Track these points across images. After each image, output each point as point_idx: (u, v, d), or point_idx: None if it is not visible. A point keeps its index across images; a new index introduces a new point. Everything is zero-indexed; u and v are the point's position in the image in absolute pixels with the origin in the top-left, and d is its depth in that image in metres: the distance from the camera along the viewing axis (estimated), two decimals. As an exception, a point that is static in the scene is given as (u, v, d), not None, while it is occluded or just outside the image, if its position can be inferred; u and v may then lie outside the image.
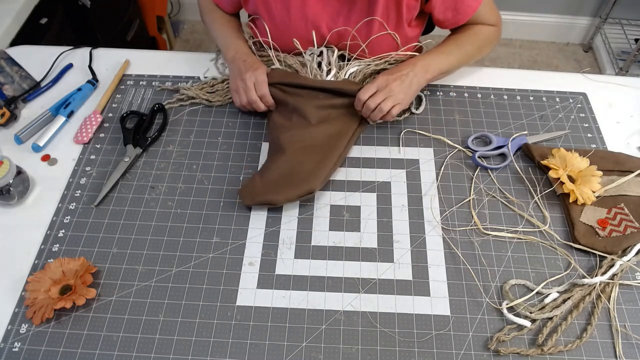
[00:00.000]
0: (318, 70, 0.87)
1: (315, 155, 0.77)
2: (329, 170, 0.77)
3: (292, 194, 0.73)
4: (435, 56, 0.85)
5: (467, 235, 0.73)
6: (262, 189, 0.74)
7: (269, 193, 0.73)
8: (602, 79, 0.95)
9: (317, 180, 0.75)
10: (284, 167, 0.75)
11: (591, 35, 2.21)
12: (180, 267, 0.70)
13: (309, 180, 0.74)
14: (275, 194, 0.73)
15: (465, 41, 0.87)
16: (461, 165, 0.81)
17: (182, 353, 0.62)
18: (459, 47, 0.87)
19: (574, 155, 0.77)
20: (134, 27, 1.80)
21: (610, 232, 0.71)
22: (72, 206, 0.76)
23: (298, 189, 0.74)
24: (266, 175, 0.75)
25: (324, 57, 0.88)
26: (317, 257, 0.71)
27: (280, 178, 0.75)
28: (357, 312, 0.66)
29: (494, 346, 0.63)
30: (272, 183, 0.74)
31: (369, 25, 0.85)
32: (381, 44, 0.88)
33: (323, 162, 0.77)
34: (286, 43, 0.90)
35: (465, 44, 0.87)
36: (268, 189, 0.73)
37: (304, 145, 0.78)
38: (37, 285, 0.65)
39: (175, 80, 0.93)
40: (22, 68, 0.93)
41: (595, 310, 0.66)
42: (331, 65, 0.87)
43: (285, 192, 0.73)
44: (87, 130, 0.84)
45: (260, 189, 0.74)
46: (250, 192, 0.74)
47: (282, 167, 0.76)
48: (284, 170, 0.75)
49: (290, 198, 0.74)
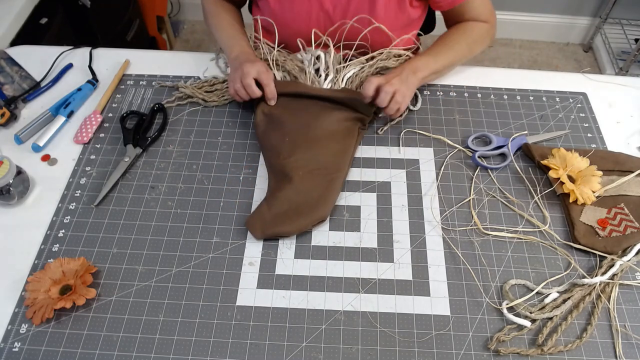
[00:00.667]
0: (316, 76, 0.87)
1: (322, 179, 0.75)
2: (337, 193, 0.75)
3: (304, 223, 0.72)
4: (423, 57, 0.85)
5: (467, 235, 0.73)
6: (272, 221, 0.71)
7: (280, 225, 0.71)
8: (602, 79, 0.95)
9: (327, 206, 0.73)
10: (293, 197, 0.73)
11: (591, 35, 2.21)
12: (180, 267, 0.70)
13: (318, 207, 0.73)
14: (287, 226, 0.71)
15: (455, 40, 0.88)
16: (461, 165, 0.81)
17: (182, 353, 0.62)
18: (449, 47, 0.87)
19: (574, 155, 0.77)
20: (134, 27, 1.80)
21: (610, 232, 0.71)
22: (72, 206, 0.76)
23: (309, 217, 0.72)
24: (275, 206, 0.73)
25: (322, 62, 0.87)
26: (317, 257, 0.71)
27: (290, 209, 0.72)
28: (357, 312, 0.66)
29: (494, 346, 0.63)
30: (282, 214, 0.72)
31: (373, 2, 0.85)
32: (384, 23, 0.87)
33: (331, 186, 0.75)
34: (290, 23, 0.89)
35: (454, 43, 0.88)
36: (279, 220, 0.71)
37: (309, 169, 0.76)
38: (37, 285, 0.65)
39: (175, 80, 0.93)
40: (22, 68, 0.93)
41: (595, 310, 0.66)
42: (329, 69, 0.87)
43: (297, 223, 0.72)
44: (87, 130, 0.84)
45: (270, 221, 0.71)
46: (260, 225, 0.71)
47: (290, 197, 0.73)
48: (292, 200, 0.73)
49: (302, 228, 0.72)
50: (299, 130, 0.80)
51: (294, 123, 0.81)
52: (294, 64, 0.89)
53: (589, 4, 2.14)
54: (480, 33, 0.89)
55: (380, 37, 0.89)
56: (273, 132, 0.81)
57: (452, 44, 0.88)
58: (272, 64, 0.89)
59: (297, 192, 0.74)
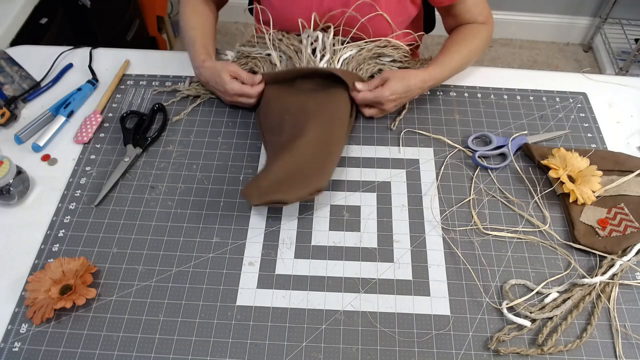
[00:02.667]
0: (312, 56, 0.87)
1: (320, 150, 0.75)
2: (334, 165, 0.76)
3: (302, 192, 0.71)
4: (432, 70, 0.85)
5: (467, 235, 0.73)
6: (269, 188, 0.71)
7: (278, 192, 0.70)
8: (602, 79, 0.95)
9: (325, 176, 0.74)
10: (291, 166, 0.73)
11: (591, 35, 2.21)
12: (180, 267, 0.70)
13: (317, 177, 0.73)
14: (285, 193, 0.70)
15: (459, 47, 0.88)
16: (461, 165, 0.81)
17: (182, 353, 0.62)
18: (456, 53, 0.87)
19: (574, 155, 0.77)
20: (134, 27, 1.80)
21: (610, 232, 0.71)
22: (72, 206, 0.76)
23: (307, 187, 0.71)
24: (272, 173, 0.72)
25: (319, 42, 0.88)
26: (317, 257, 0.71)
27: (287, 177, 0.72)
28: (357, 312, 0.66)
29: (494, 346, 0.63)
30: (280, 181, 0.71)
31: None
32: (383, 12, 0.88)
33: (330, 158, 0.76)
34: (290, 17, 0.89)
35: (461, 49, 0.88)
36: (276, 187, 0.71)
37: (308, 140, 0.75)
38: (37, 285, 0.65)
39: (176, 80, 0.93)
40: (22, 68, 0.93)
41: (595, 310, 0.66)
42: (325, 50, 0.87)
43: (295, 191, 0.71)
44: (87, 130, 0.84)
45: (267, 188, 0.71)
46: (257, 192, 0.70)
47: (288, 166, 0.73)
48: (291, 168, 0.73)
49: (301, 197, 0.71)
50: (297, 107, 0.80)
51: (292, 102, 0.81)
52: (289, 43, 0.89)
53: (589, 4, 2.14)
54: (482, 37, 0.90)
55: (381, 30, 0.89)
56: (271, 112, 0.82)
57: (459, 50, 0.88)
58: (269, 44, 0.89)
59: (296, 162, 0.73)
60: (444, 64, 0.86)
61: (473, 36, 0.89)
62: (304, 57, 0.87)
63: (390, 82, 0.80)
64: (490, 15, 0.92)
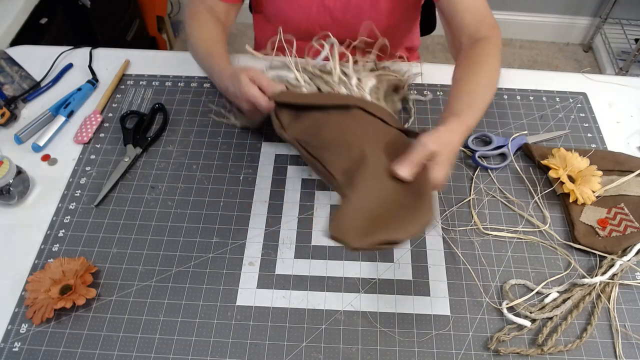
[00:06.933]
0: (343, 76, 0.73)
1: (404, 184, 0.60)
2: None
3: (413, 226, 0.56)
4: (458, 124, 0.66)
5: (467, 235, 0.73)
6: (369, 227, 0.55)
7: (383, 229, 0.55)
8: (602, 79, 0.95)
9: (426, 203, 0.57)
10: (376, 195, 0.58)
11: (591, 35, 2.21)
12: (180, 267, 0.70)
13: (418, 205, 0.57)
14: (394, 230, 0.55)
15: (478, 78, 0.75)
16: (461, 165, 0.81)
17: (182, 353, 0.62)
18: (482, 91, 0.73)
19: (574, 155, 0.77)
20: (134, 27, 1.80)
21: (610, 232, 0.71)
22: (72, 206, 0.76)
23: (413, 219, 0.56)
24: (359, 206, 0.57)
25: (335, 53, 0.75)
26: (317, 257, 0.71)
27: (383, 209, 0.57)
28: (357, 312, 0.66)
29: (494, 346, 0.63)
30: (376, 215, 0.56)
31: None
32: (387, 19, 0.87)
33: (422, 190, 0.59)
34: (290, 17, 0.89)
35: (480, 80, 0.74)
36: (377, 224, 0.56)
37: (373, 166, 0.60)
38: (37, 285, 0.65)
39: (175, 80, 0.93)
40: (22, 68, 0.93)
41: (595, 310, 0.66)
42: (347, 76, 0.74)
43: (404, 224, 0.56)
44: (87, 130, 0.84)
45: (366, 227, 0.55)
46: (354, 230, 0.54)
47: (378, 197, 0.58)
48: (382, 200, 0.58)
49: (412, 232, 0.55)
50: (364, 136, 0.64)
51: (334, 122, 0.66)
52: (322, 81, 0.74)
53: (589, 4, 2.14)
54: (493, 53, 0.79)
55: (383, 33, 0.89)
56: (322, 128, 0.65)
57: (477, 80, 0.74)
58: (291, 67, 0.75)
59: (379, 193, 0.59)
60: (471, 104, 0.69)
61: (485, 58, 0.78)
62: (335, 77, 0.73)
63: (438, 159, 0.60)
64: (497, 23, 0.83)
